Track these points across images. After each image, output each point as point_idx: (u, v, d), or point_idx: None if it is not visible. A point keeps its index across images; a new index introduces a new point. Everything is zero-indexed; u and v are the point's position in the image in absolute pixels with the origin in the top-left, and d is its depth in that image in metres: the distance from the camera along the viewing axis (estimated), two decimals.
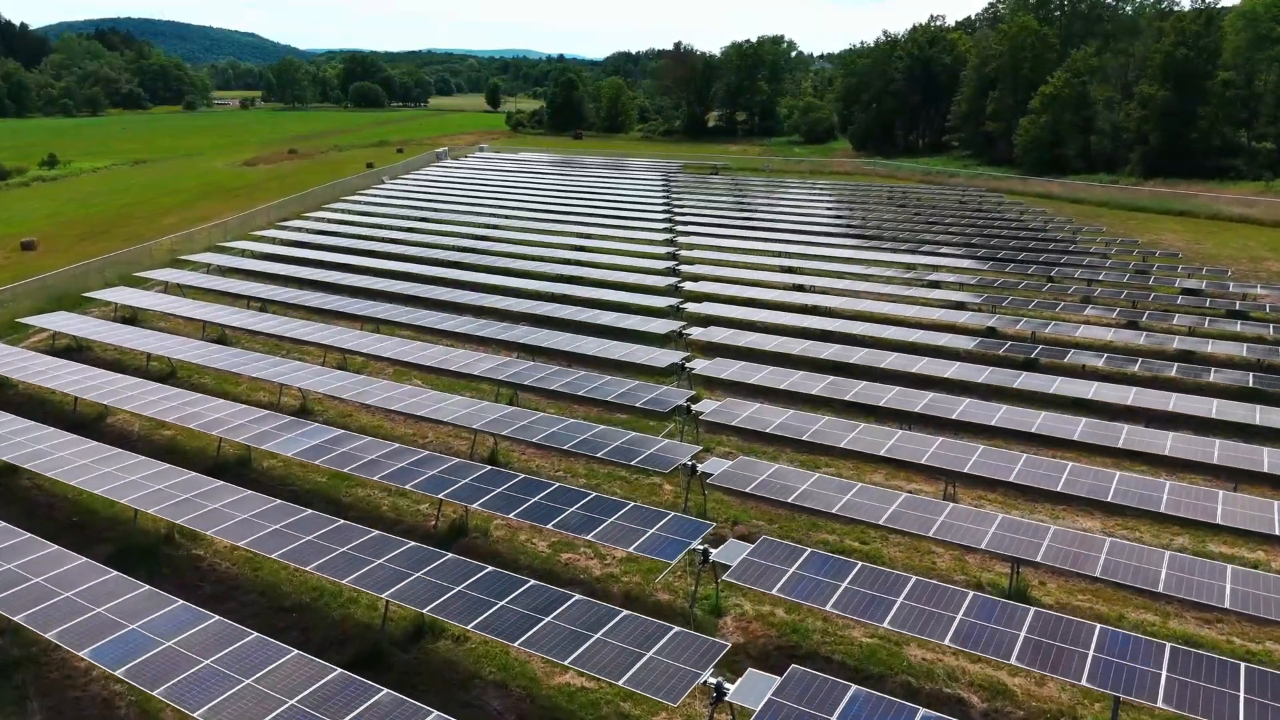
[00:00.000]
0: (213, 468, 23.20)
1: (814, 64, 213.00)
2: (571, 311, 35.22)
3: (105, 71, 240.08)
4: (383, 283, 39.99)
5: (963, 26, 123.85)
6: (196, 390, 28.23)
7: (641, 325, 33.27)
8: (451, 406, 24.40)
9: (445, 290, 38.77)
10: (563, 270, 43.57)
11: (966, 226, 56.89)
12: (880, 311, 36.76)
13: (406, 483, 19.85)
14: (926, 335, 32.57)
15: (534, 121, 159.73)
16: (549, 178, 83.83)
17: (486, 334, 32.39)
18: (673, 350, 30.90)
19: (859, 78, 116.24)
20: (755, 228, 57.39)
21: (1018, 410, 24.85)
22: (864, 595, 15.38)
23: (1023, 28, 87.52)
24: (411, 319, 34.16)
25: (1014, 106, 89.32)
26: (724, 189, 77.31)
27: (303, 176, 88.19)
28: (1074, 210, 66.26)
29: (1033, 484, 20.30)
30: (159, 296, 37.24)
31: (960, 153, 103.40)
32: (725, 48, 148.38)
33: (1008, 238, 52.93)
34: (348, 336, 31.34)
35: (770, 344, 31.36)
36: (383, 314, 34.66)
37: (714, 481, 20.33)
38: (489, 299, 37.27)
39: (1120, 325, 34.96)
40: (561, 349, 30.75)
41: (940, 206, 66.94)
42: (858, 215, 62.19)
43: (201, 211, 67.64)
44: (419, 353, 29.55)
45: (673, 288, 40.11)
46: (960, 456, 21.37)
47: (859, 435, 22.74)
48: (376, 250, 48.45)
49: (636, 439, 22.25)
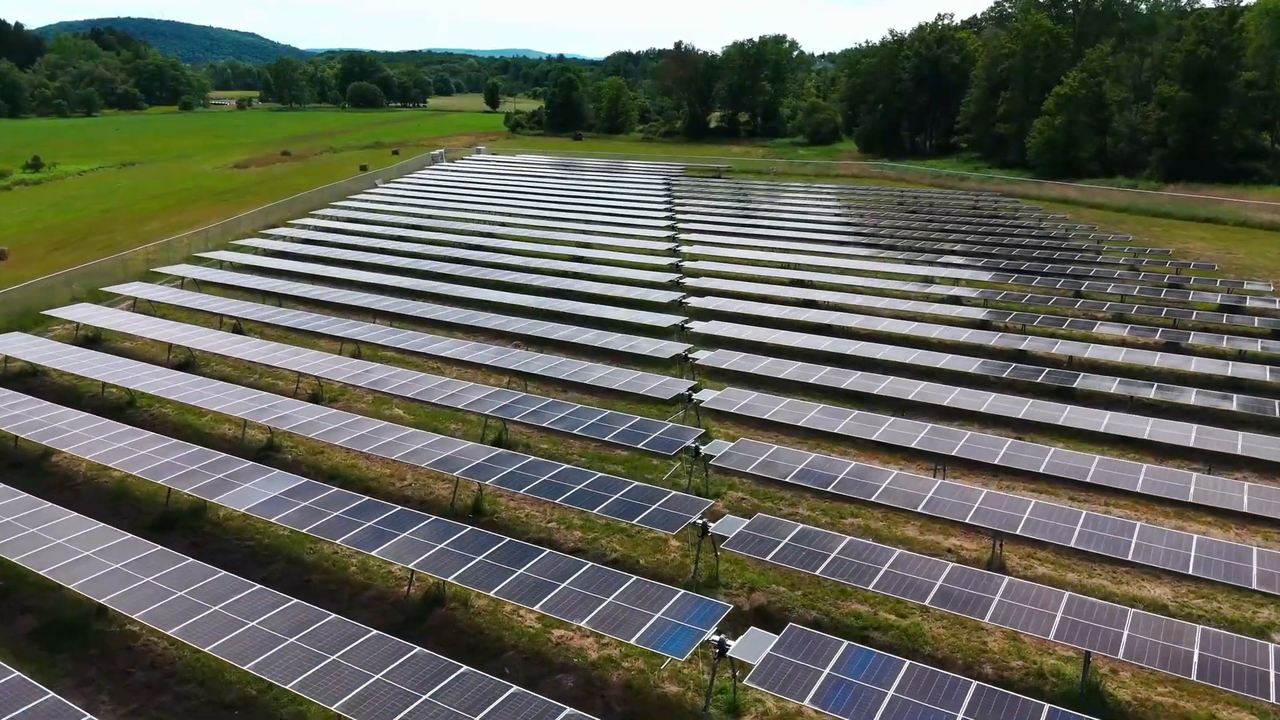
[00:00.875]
0: (161, 519, 20.67)
1: (815, 64, 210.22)
2: (569, 333, 32.55)
3: (100, 72, 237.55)
4: (366, 298, 37.34)
5: (968, 26, 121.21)
6: (155, 424, 25.77)
7: (645, 350, 30.62)
8: (432, 448, 21.78)
9: (433, 307, 36.10)
10: (559, 284, 40.87)
11: (985, 234, 54.16)
12: (900, 331, 34.04)
13: (373, 548, 17.25)
14: (955, 360, 29.91)
15: (533, 122, 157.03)
16: (546, 181, 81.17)
17: (475, 358, 29.77)
18: (677, 381, 28.24)
19: (864, 78, 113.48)
20: (762, 236, 54.76)
21: (1069, 454, 22.14)
22: (916, 708, 12.75)
23: (1036, 26, 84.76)
24: (395, 341, 31.54)
25: (1026, 107, 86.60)
26: (727, 193, 74.69)
27: (293, 180, 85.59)
28: (1093, 216, 63.57)
29: (1090, 548, 17.63)
30: (124, 315, 34.60)
31: (969, 155, 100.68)
32: (727, 47, 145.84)
33: (1029, 247, 50.19)
34: (324, 361, 28.69)
35: (786, 370, 28.72)
36: (364, 335, 32.01)
37: (728, 546, 17.74)
38: (479, 318, 34.61)
39: (1161, 347, 32.31)
40: (558, 377, 28.15)
41: (954, 212, 64.26)
42: (869, 222, 59.52)
43: (186, 217, 65.06)
44: (399, 380, 26.91)
45: (677, 303, 37.42)
46: (1010, 514, 18.72)
47: (892, 485, 20.09)
48: (363, 261, 45.83)
49: (640, 489, 19.65)
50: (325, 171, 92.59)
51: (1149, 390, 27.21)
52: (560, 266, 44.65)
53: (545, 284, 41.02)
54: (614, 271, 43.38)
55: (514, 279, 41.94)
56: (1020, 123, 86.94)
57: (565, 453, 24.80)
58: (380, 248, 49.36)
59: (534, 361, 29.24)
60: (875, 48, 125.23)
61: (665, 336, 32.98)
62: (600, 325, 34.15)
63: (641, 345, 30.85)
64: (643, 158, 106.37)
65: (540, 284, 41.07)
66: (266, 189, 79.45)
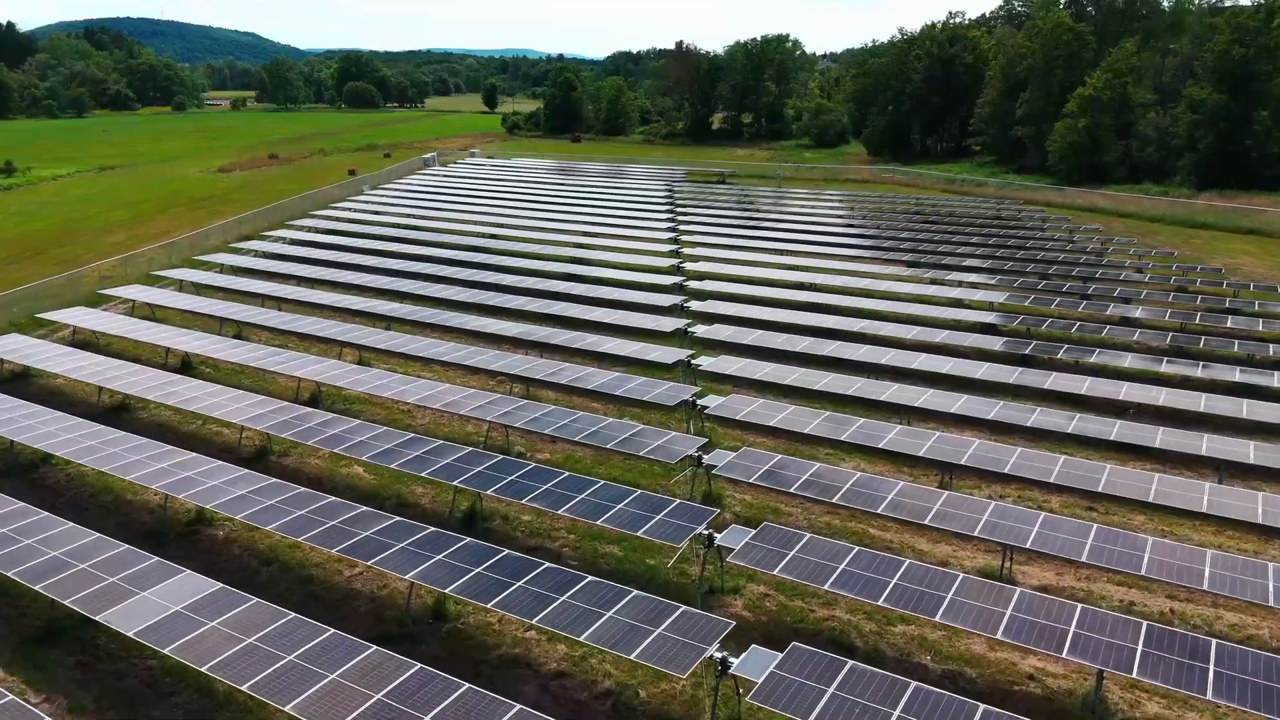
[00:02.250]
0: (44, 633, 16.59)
1: (818, 64, 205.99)
2: (559, 371, 28.48)
3: (92, 72, 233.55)
4: (335, 329, 33.19)
5: (978, 25, 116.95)
6: (68, 486, 21.66)
7: (649, 356, 27.20)
8: (390, 558, 17.70)
9: (405, 340, 31.99)
10: (552, 309, 36.75)
11: (1015, 250, 49.89)
12: (947, 371, 29.81)
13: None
14: (1006, 410, 25.80)
15: (530, 124, 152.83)
16: (541, 187, 77.06)
17: (445, 404, 25.69)
18: (685, 432, 24.22)
19: (874, 78, 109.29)
20: (772, 249, 50.70)
21: (1167, 544, 18.05)
22: None
23: (1058, 24, 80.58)
24: (353, 382, 27.41)
25: (1046, 110, 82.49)
26: (733, 200, 70.67)
27: (276, 185, 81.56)
28: (1124, 226, 59.47)
29: None
30: (55, 349, 30.45)
31: (983, 159, 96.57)
32: (729, 46, 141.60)
33: (1066, 264, 45.89)
34: (275, 409, 24.57)
35: (809, 422, 24.64)
36: (324, 375, 27.94)
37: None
38: (461, 353, 30.51)
39: (1241, 391, 28.06)
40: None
41: (976, 222, 60.00)
42: (885, 234, 55.29)
43: (155, 227, 61.05)
44: (355, 439, 22.77)
45: (682, 331, 33.39)
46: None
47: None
48: (335, 281, 41.67)
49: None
50: (312, 176, 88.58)
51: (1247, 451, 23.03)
52: (555, 288, 40.53)
53: (538, 308, 36.92)
54: (613, 293, 39.20)
55: (504, 301, 37.79)
56: (1039, 125, 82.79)
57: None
58: (356, 263, 45.24)
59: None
60: (884, 47, 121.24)
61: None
62: (597, 359, 30.15)
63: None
64: (643, 161, 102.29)
65: (533, 309, 36.97)
66: (247, 195, 75.44)
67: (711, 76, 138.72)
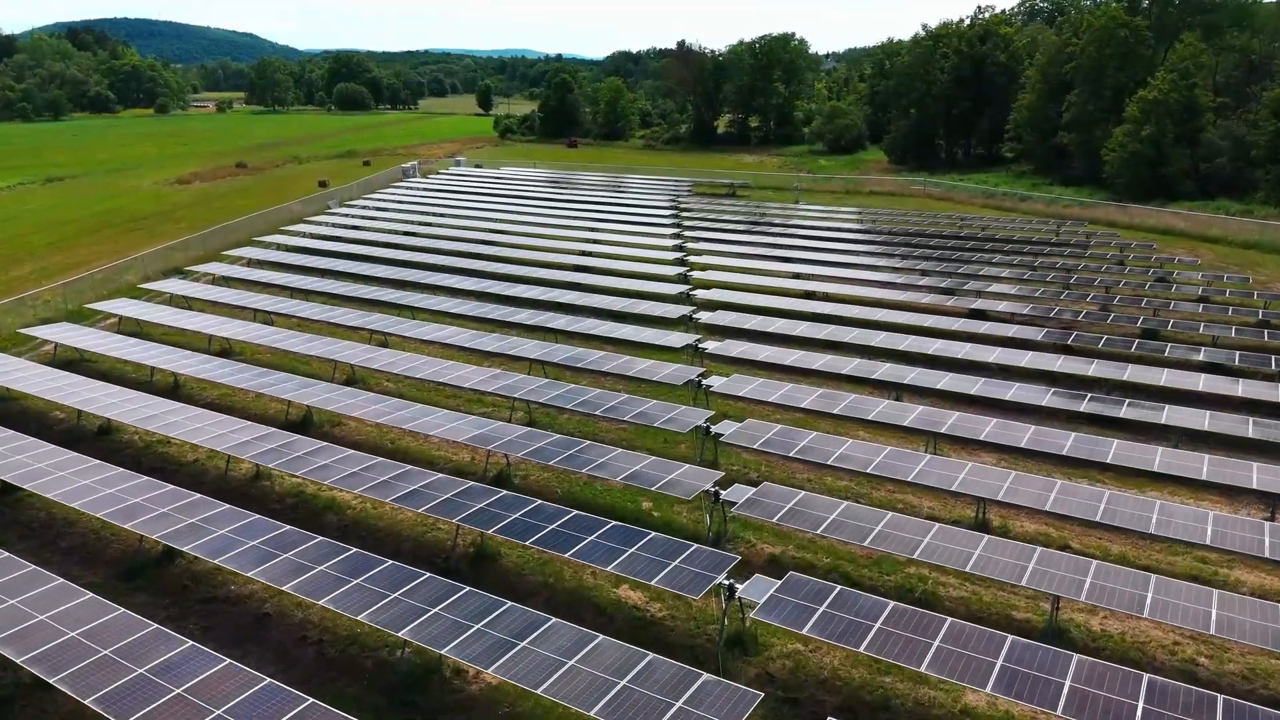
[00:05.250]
0: None
1: (824, 64, 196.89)
2: None
3: (72, 73, 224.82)
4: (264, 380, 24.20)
5: (1006, 22, 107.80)
6: None
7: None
8: None
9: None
10: (546, 355, 27.76)
11: (1103, 289, 40.88)
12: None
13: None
14: None
15: (524, 127, 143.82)
16: (531, 204, 68.00)
17: (398, 497, 16.77)
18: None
19: (896, 79, 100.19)
20: (803, 288, 41.74)
21: None
22: None
23: (1111, 18, 71.46)
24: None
25: (1095, 114, 73.50)
26: (746, 218, 61.78)
27: (234, 200, 72.67)
28: (1214, 255, 50.45)
29: None
30: None
31: (1021, 168, 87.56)
32: (733, 45, 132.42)
33: (1187, 316, 36.69)
34: (157, 519, 15.64)
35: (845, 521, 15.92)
36: (263, 461, 18.94)
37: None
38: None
39: None
40: None
41: (1038, 249, 50.75)
42: (938, 270, 45.48)
43: (73, 255, 52.17)
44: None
45: (696, 383, 24.39)
46: None
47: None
48: (262, 343, 32.60)
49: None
50: (278, 187, 79.72)
51: None
52: (546, 322, 31.52)
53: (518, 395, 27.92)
54: (617, 363, 30.12)
55: (481, 344, 28.81)
56: (1089, 131, 73.83)
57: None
58: (288, 312, 36.18)
59: None
60: (905, 45, 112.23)
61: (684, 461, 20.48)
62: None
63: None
64: (644, 170, 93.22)
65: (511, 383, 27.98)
66: (196, 213, 66.56)
67: (716, 77, 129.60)
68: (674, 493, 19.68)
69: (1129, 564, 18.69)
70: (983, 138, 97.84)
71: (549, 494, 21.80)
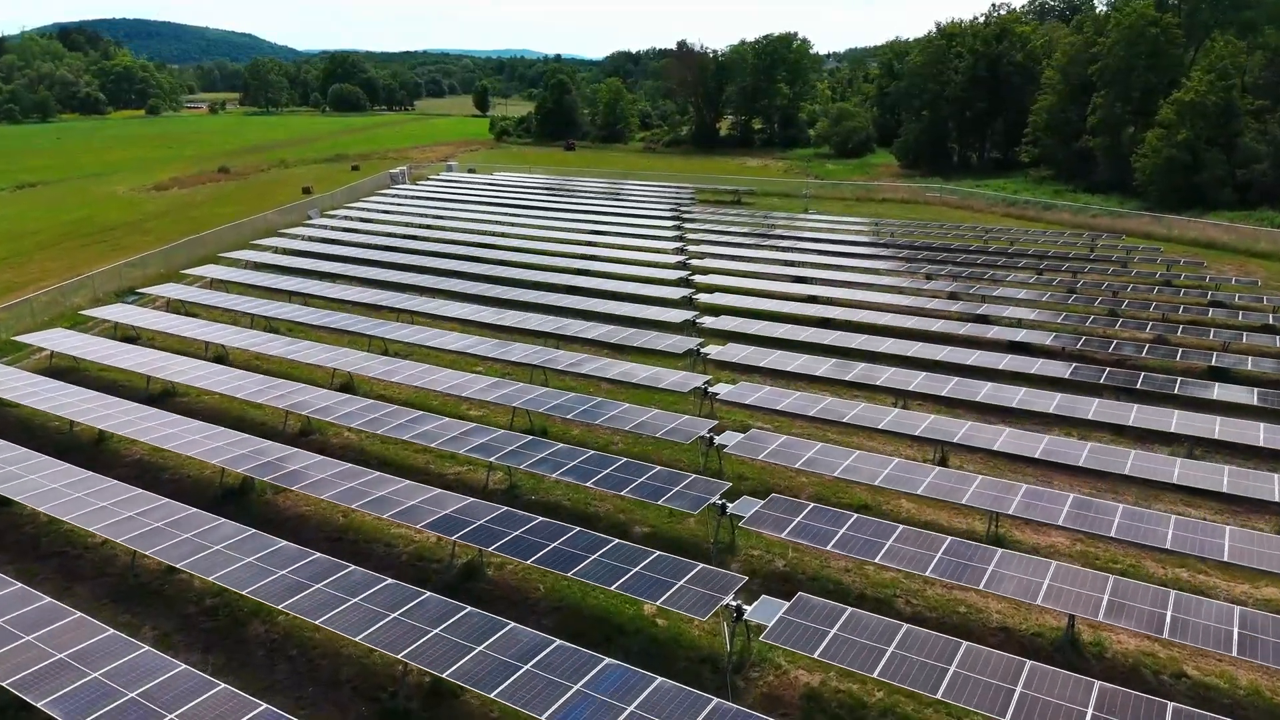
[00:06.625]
0: None
1: (825, 64, 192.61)
2: None
3: (62, 74, 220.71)
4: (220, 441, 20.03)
5: (1023, 20, 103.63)
6: None
7: None
8: None
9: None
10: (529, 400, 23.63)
11: (1159, 316, 36.77)
12: None
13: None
14: None
15: (521, 129, 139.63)
16: (525, 213, 63.81)
17: None
18: None
19: (908, 79, 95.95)
20: (820, 315, 37.59)
21: None
22: None
23: (1141, 15, 67.22)
24: None
25: (1123, 117, 69.35)
26: (753, 228, 57.66)
27: (211, 208, 68.63)
28: (1267, 271, 46.31)
29: None
30: None
31: (1040, 173, 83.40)
32: (735, 45, 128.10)
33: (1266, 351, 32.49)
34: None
35: None
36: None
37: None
38: None
39: None
40: None
41: (1076, 266, 46.40)
42: (969, 294, 41.06)
43: (25, 273, 48.18)
44: None
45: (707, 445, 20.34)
46: None
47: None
48: (208, 386, 28.39)
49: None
50: (260, 194, 75.60)
51: None
52: (533, 358, 27.36)
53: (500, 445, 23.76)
54: (613, 412, 25.93)
55: (442, 437, 24.64)
56: (1115, 135, 69.67)
57: None
58: (243, 348, 32.00)
59: None
60: (913, 43, 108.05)
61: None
62: None
63: None
64: (645, 174, 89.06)
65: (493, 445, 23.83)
66: (168, 223, 62.53)
67: (718, 77, 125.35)
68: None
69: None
70: (998, 141, 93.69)
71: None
